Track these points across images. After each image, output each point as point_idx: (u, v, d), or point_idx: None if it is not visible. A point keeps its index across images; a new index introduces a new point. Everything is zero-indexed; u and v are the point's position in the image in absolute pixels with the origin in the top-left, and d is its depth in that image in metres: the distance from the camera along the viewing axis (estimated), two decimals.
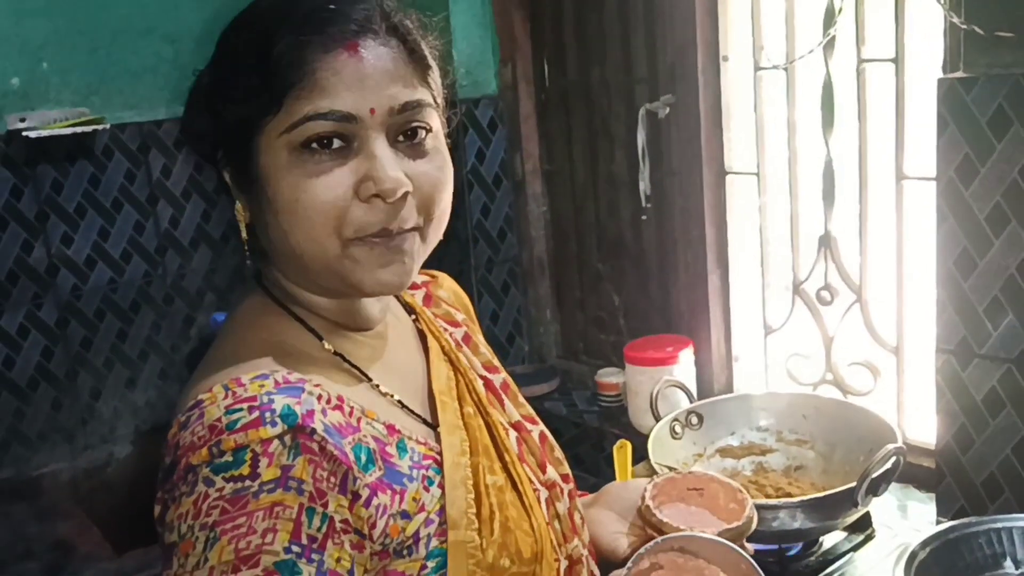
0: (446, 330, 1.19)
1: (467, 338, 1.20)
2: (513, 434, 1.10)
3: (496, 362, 1.21)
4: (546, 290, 2.74)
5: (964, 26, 1.54)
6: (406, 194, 0.93)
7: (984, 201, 1.57)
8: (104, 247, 2.63)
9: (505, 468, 1.05)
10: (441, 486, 0.97)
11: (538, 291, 2.74)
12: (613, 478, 1.92)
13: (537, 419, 1.18)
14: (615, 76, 2.42)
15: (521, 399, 1.18)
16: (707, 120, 2.16)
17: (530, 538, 1.01)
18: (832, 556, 1.66)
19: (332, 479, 0.87)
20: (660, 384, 1.90)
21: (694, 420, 1.86)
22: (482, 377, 1.15)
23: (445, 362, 1.12)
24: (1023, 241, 1.54)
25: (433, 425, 1.04)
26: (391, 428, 0.98)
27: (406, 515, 0.93)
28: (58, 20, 2.51)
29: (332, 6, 0.92)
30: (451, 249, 2.70)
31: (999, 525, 1.50)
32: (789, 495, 1.72)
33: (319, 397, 0.90)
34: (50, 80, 2.53)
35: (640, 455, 1.76)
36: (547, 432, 1.18)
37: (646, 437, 1.79)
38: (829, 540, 1.69)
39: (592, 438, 2.41)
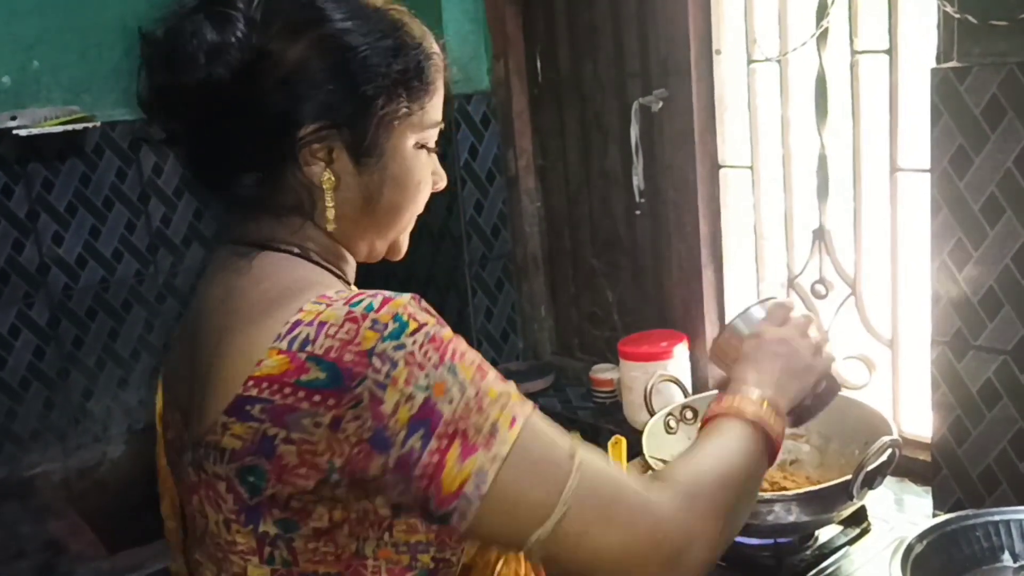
0: None
1: None
2: None
3: None
4: (540, 286, 2.73)
5: (958, 15, 1.54)
6: None
7: (978, 192, 1.56)
8: (95, 246, 2.62)
9: None
10: None
11: (532, 287, 2.73)
12: None
13: None
14: (608, 70, 2.41)
15: None
16: (700, 114, 2.16)
17: None
18: (828, 550, 1.65)
19: None
20: (654, 379, 1.89)
21: (688, 415, 1.84)
22: None
23: None
24: (1018, 231, 1.53)
25: None
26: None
27: None
28: (49, 18, 2.51)
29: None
30: (445, 246, 2.69)
31: (996, 518, 1.49)
32: (784, 489, 1.72)
33: None
34: (41, 78, 2.52)
35: (635, 451, 1.75)
36: None
37: (641, 433, 1.77)
38: (825, 534, 1.68)
39: (587, 434, 2.39)
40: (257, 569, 0.96)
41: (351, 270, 1.12)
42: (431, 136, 1.09)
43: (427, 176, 1.10)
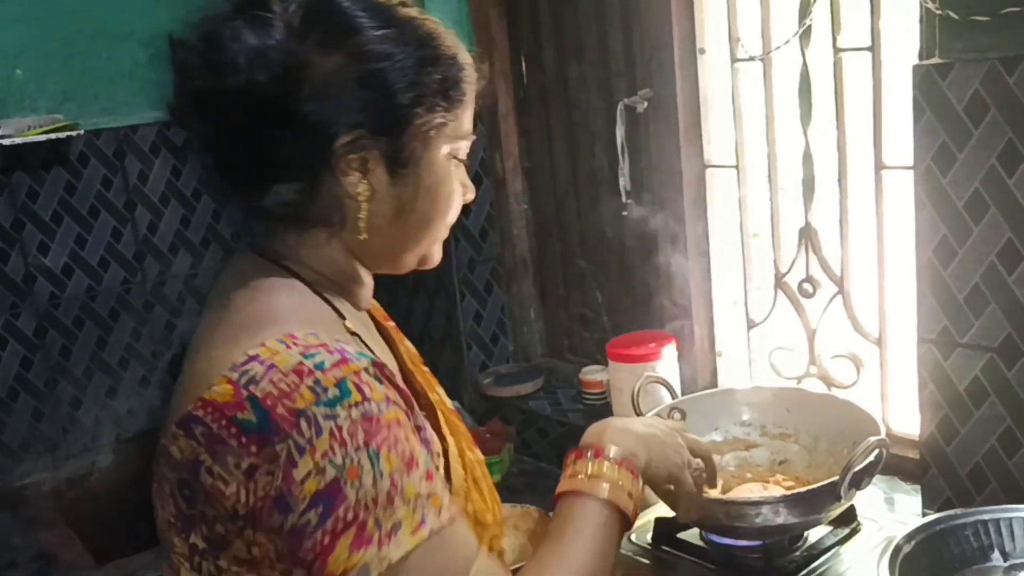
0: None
1: (396, 330, 1.28)
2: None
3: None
4: (529, 288, 2.73)
5: (939, 11, 1.53)
6: None
7: (962, 188, 1.55)
8: (81, 255, 2.61)
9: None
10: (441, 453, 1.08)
11: (521, 290, 2.72)
12: None
13: None
14: (593, 71, 2.40)
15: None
16: (685, 114, 2.15)
17: (495, 504, 1.18)
18: (818, 550, 1.64)
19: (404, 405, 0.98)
20: (641, 380, 1.88)
21: (676, 416, 1.83)
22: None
23: (402, 351, 1.23)
24: (1002, 228, 1.53)
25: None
26: (404, 394, 1.04)
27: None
28: (33, 27, 2.50)
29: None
30: None
31: (986, 516, 1.48)
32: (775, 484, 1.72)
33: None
34: (25, 87, 2.51)
35: None
36: None
37: None
38: (815, 534, 1.67)
39: (577, 436, 2.32)
40: (188, 574, 0.98)
41: (365, 292, 1.12)
42: (463, 147, 1.09)
43: (457, 187, 1.10)
